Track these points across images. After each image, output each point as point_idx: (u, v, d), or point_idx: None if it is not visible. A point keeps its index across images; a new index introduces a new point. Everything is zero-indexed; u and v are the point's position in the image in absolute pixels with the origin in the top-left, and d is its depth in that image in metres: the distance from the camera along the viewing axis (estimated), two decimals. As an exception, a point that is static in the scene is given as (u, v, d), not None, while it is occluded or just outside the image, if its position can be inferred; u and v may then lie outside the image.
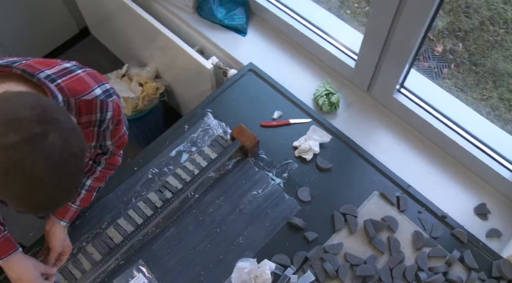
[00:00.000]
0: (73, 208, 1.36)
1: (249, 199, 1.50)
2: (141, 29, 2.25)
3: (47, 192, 0.81)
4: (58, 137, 0.80)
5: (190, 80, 2.20)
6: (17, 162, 0.76)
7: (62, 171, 0.81)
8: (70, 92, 1.05)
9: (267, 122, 1.66)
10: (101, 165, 1.38)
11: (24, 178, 0.78)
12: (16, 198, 0.81)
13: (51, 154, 0.79)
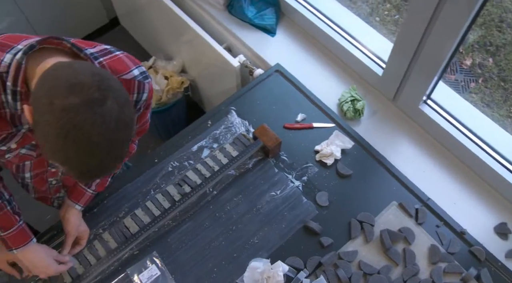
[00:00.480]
0: (89, 193, 1.37)
1: (267, 200, 1.50)
2: (170, 22, 2.26)
3: (99, 157, 0.82)
4: (115, 104, 0.82)
5: (215, 77, 2.21)
6: (77, 124, 0.78)
7: (115, 138, 0.82)
8: (111, 71, 1.06)
9: (290, 124, 1.65)
10: None
11: (81, 141, 0.79)
12: (70, 161, 0.82)
13: (108, 120, 0.80)
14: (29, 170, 1.24)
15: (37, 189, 1.37)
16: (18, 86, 0.94)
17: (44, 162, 1.23)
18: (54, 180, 1.34)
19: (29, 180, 1.29)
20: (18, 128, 1.04)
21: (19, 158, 1.15)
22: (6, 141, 1.06)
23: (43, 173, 1.28)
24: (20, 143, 1.09)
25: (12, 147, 1.08)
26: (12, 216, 1.23)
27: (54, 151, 0.82)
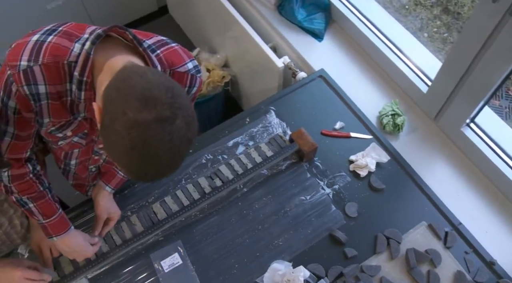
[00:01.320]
0: (120, 175, 1.39)
1: (296, 203, 1.50)
2: (219, 16, 2.28)
3: (159, 168, 0.84)
4: (184, 123, 0.83)
5: (257, 75, 2.22)
6: (145, 140, 0.79)
7: (177, 153, 0.84)
8: (167, 63, 1.08)
9: (328, 131, 1.64)
10: None
11: (146, 155, 0.81)
12: (130, 167, 0.84)
13: (175, 137, 0.81)
14: (76, 158, 1.27)
15: (77, 176, 1.40)
16: (85, 76, 0.96)
17: (90, 150, 1.26)
18: (94, 168, 1.37)
19: (73, 167, 1.32)
20: (75, 116, 1.07)
21: (70, 146, 1.18)
22: (63, 129, 1.09)
23: (87, 160, 1.31)
24: (75, 131, 1.12)
25: (68, 134, 1.12)
26: (53, 204, 1.26)
27: (118, 156, 0.84)
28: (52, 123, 1.06)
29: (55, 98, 1.00)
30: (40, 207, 1.23)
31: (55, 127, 1.08)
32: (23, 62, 0.94)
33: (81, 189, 1.50)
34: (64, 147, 1.18)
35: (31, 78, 0.95)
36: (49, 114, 1.03)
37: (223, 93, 2.49)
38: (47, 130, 1.09)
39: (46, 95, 0.98)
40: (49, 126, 1.07)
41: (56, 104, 1.01)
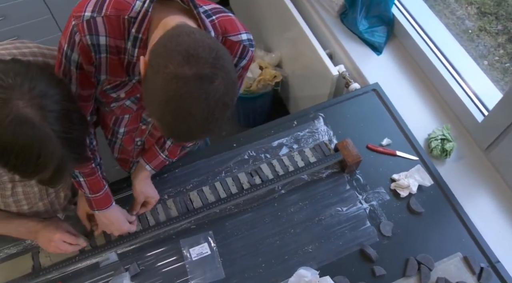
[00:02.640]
0: (161, 157, 1.42)
1: (331, 213, 1.49)
2: (279, 15, 2.28)
3: (192, 128, 0.86)
4: (222, 85, 0.84)
5: (309, 80, 2.21)
6: (182, 94, 0.82)
7: (212, 115, 0.85)
8: (221, 29, 1.08)
9: (374, 145, 1.62)
10: None
11: (180, 110, 0.83)
12: (164, 121, 0.87)
13: (211, 97, 0.83)
14: (125, 126, 1.30)
15: (123, 148, 1.44)
16: (141, 33, 0.99)
17: (138, 118, 1.29)
18: (140, 141, 1.40)
19: (121, 136, 1.35)
20: (130, 78, 1.10)
21: (122, 110, 1.21)
22: (117, 89, 1.12)
23: (134, 130, 1.34)
24: (129, 93, 1.15)
25: (121, 96, 1.15)
26: (101, 180, 1.31)
27: (154, 108, 0.86)
28: (108, 81, 1.10)
29: (114, 53, 1.03)
30: (89, 183, 1.28)
31: (110, 85, 1.11)
32: (87, 12, 0.98)
33: (124, 165, 1.53)
34: (116, 110, 1.21)
35: (94, 28, 0.98)
36: (106, 70, 1.07)
37: (272, 93, 2.50)
38: (102, 88, 1.12)
39: (106, 48, 1.01)
40: (105, 84, 1.10)
41: (114, 59, 1.04)
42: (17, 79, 0.86)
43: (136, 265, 1.40)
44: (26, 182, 1.28)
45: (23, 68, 0.90)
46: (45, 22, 2.55)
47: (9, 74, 0.87)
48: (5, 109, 0.84)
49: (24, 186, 1.29)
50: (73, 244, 1.36)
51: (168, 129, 0.89)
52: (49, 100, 0.88)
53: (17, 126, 0.85)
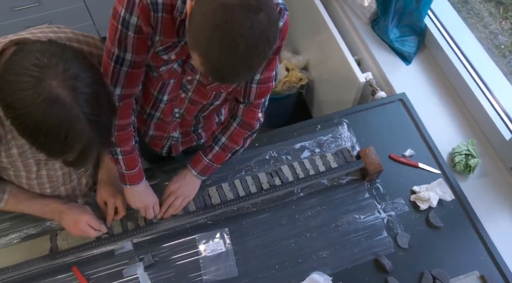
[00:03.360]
0: (205, 161, 1.42)
1: (349, 220, 1.48)
2: (310, 18, 2.28)
3: (234, 59, 0.88)
4: (266, 18, 0.87)
5: (335, 85, 2.20)
6: (228, 21, 0.84)
7: (255, 47, 0.87)
8: None
9: (397, 156, 1.61)
10: (236, 121, 1.37)
11: (225, 36, 0.85)
12: (208, 53, 0.89)
13: (255, 27, 0.85)
14: (169, 93, 1.31)
15: (159, 124, 1.45)
16: None
17: (179, 85, 1.29)
18: (178, 113, 1.40)
19: (163, 106, 1.36)
20: (180, 39, 1.12)
21: (169, 74, 1.23)
22: (169, 50, 1.15)
23: (174, 99, 1.34)
24: (178, 55, 1.17)
25: (172, 58, 1.17)
26: (137, 158, 1.35)
27: (200, 41, 0.89)
28: (161, 42, 1.13)
29: (168, 11, 1.05)
30: (126, 160, 1.32)
31: (163, 46, 1.14)
32: None
33: (157, 144, 1.56)
34: (164, 74, 1.23)
35: None
36: (161, 30, 1.10)
37: (296, 95, 2.49)
38: (155, 50, 1.15)
39: (162, 6, 1.04)
40: (157, 45, 1.13)
41: (168, 18, 1.07)
42: (53, 60, 0.88)
43: (151, 255, 1.41)
44: (51, 166, 1.30)
45: (59, 49, 0.91)
46: (77, 10, 2.59)
47: (45, 54, 0.88)
48: (39, 88, 0.86)
49: (49, 169, 1.31)
50: (96, 229, 1.38)
51: (211, 64, 0.91)
52: (81, 82, 0.90)
53: (48, 105, 0.87)
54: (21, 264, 1.37)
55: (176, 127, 1.47)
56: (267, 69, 1.25)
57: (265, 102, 1.37)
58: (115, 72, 1.16)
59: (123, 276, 1.39)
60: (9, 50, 1.00)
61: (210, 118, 1.55)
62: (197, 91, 1.30)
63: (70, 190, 1.44)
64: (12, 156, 1.18)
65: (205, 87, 1.27)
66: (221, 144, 1.39)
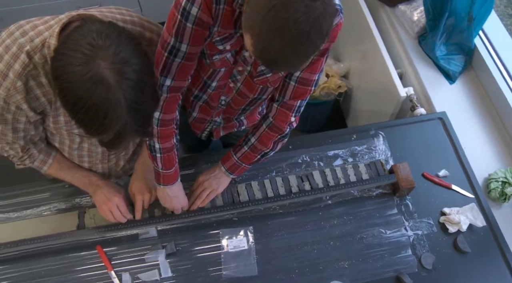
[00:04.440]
0: (234, 159, 1.42)
1: (374, 234, 1.47)
2: (356, 26, 2.25)
3: (284, 42, 0.88)
4: (322, 7, 0.87)
5: (374, 96, 2.18)
6: (284, 3, 0.85)
7: (307, 34, 0.87)
8: None
9: (430, 175, 1.58)
10: (266, 122, 1.36)
11: (279, 19, 0.85)
12: (260, 34, 0.89)
13: (310, 14, 0.85)
14: (218, 80, 1.32)
15: (204, 107, 1.46)
16: None
17: (229, 74, 1.30)
18: (224, 101, 1.41)
19: (211, 91, 1.36)
20: (236, 30, 1.13)
21: (221, 63, 1.24)
22: (225, 41, 1.16)
23: (222, 87, 1.35)
24: (233, 45, 1.18)
25: (227, 48, 1.18)
26: (174, 158, 1.35)
27: (254, 20, 0.89)
28: (218, 33, 1.14)
29: (229, 3, 1.06)
30: (164, 159, 1.32)
31: (220, 37, 1.15)
32: None
33: (198, 127, 1.57)
34: (216, 62, 1.24)
35: None
36: (220, 21, 1.11)
37: (333, 102, 2.48)
38: (211, 40, 1.16)
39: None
40: (215, 36, 1.15)
41: (228, 10, 1.08)
42: (106, 41, 0.90)
43: (174, 244, 1.42)
44: (93, 141, 1.33)
45: (115, 32, 0.93)
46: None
47: (101, 35, 0.91)
48: (88, 65, 0.88)
49: (90, 144, 1.35)
50: (123, 213, 1.40)
51: (261, 45, 0.90)
52: (129, 68, 0.92)
53: (92, 84, 0.89)
54: (48, 236, 1.41)
55: (220, 113, 1.48)
56: (309, 70, 1.23)
57: (300, 107, 1.33)
58: (168, 62, 1.17)
59: (145, 261, 1.41)
60: (74, 24, 1.04)
61: (254, 109, 1.55)
62: (246, 83, 1.30)
63: (107, 169, 1.48)
64: (59, 122, 1.22)
65: (253, 79, 1.27)
66: (250, 144, 1.39)
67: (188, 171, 1.57)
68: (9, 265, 1.41)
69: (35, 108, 1.15)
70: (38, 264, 1.41)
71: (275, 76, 1.25)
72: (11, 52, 1.05)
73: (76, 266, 1.41)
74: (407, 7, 2.06)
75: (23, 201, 1.51)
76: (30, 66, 1.06)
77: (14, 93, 1.09)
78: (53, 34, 1.04)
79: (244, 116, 1.57)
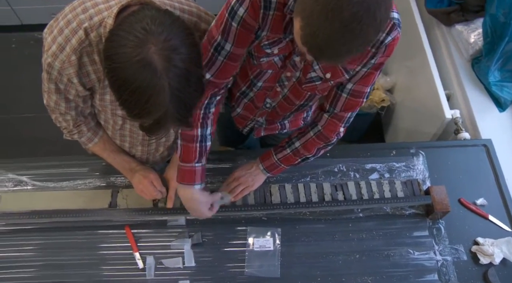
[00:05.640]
0: (274, 159, 1.41)
1: (402, 253, 1.44)
2: (409, 40, 2.21)
3: (333, 28, 0.85)
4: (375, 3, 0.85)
5: (417, 114, 2.14)
6: None
7: (358, 18, 0.84)
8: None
9: (468, 202, 1.54)
10: (314, 130, 1.35)
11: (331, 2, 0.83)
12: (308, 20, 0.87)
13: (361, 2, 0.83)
14: (264, 81, 1.32)
15: (249, 104, 1.46)
16: None
17: (277, 77, 1.30)
18: (269, 104, 1.41)
19: (257, 90, 1.36)
20: (285, 35, 1.13)
21: (269, 65, 1.24)
22: (273, 45, 1.16)
23: (268, 89, 1.35)
24: (281, 50, 1.18)
25: (274, 52, 1.18)
26: (193, 153, 1.30)
27: (305, 3, 0.87)
28: (267, 37, 1.14)
29: (280, 8, 1.06)
30: (182, 149, 1.30)
31: (268, 41, 1.15)
32: None
33: (241, 122, 1.57)
34: (263, 64, 1.24)
35: None
36: (269, 27, 1.11)
37: (374, 115, 2.45)
38: (259, 44, 1.17)
39: (275, 5, 1.06)
40: (263, 40, 1.15)
41: (279, 15, 1.07)
42: (159, 28, 0.91)
43: (200, 235, 1.43)
44: (135, 123, 1.35)
45: (170, 20, 0.94)
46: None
47: (155, 21, 0.92)
48: (138, 48, 0.90)
49: (132, 125, 1.38)
50: (158, 188, 1.42)
51: (310, 28, 0.88)
52: (178, 56, 0.92)
53: (140, 67, 0.90)
54: (81, 211, 1.44)
55: (264, 114, 1.48)
56: (362, 83, 1.22)
57: (350, 118, 1.34)
58: (212, 59, 1.18)
59: (170, 248, 1.42)
60: (132, 7, 1.06)
61: (299, 114, 1.54)
62: (293, 89, 1.30)
63: (146, 152, 1.50)
64: (105, 101, 1.25)
65: (301, 86, 1.27)
66: (294, 148, 1.38)
67: (224, 165, 1.58)
68: (39, 233, 1.46)
69: (85, 83, 1.18)
70: (66, 236, 1.45)
71: (324, 84, 1.24)
72: (71, 27, 1.09)
73: (102, 243, 1.45)
74: (464, 28, 2.01)
75: (61, 172, 1.56)
76: (85, 42, 1.10)
77: (67, 66, 1.13)
78: (111, 15, 1.06)
79: (287, 120, 1.56)
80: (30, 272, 1.40)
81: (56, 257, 1.42)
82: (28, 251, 1.43)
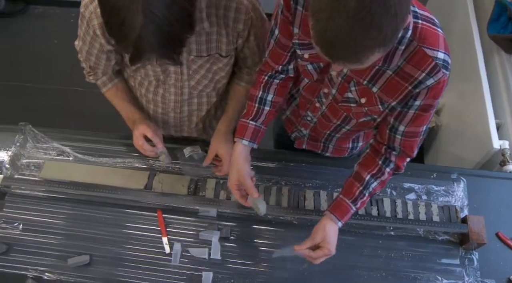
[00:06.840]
0: (347, 204, 1.28)
1: (429, 278, 1.41)
2: (464, 63, 2.15)
3: (343, 23, 0.81)
4: None
5: (463, 140, 2.09)
6: None
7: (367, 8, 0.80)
8: (420, 36, 1.02)
9: (505, 236, 1.49)
10: (389, 166, 1.27)
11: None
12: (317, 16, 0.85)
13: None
14: (302, 88, 1.33)
15: (296, 109, 1.47)
16: None
17: (315, 93, 1.30)
18: (310, 117, 1.41)
19: (298, 97, 1.38)
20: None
21: (303, 71, 1.26)
22: (303, 48, 1.18)
23: (309, 101, 1.35)
24: (312, 57, 1.18)
25: (305, 56, 1.19)
26: (252, 110, 1.31)
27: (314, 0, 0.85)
28: (298, 37, 1.16)
29: (307, 7, 1.06)
30: (246, 106, 1.34)
31: (298, 41, 1.17)
32: None
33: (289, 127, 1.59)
34: (299, 67, 1.26)
35: None
36: (300, 25, 1.13)
37: (416, 134, 2.40)
38: (292, 41, 1.19)
39: (303, 1, 1.08)
40: (295, 38, 1.17)
41: (307, 15, 1.07)
42: None
43: (230, 230, 1.44)
44: (167, 87, 1.41)
45: None
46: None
47: None
48: None
49: (164, 90, 1.43)
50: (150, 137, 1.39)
51: (319, 25, 0.85)
52: None
53: None
54: (116, 188, 1.48)
55: (307, 126, 1.48)
56: (414, 125, 1.18)
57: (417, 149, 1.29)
58: (269, 40, 1.26)
59: (198, 237, 1.44)
60: None
61: (343, 141, 1.51)
62: (330, 107, 1.30)
63: (178, 120, 1.55)
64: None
65: (338, 104, 1.26)
66: (371, 189, 1.27)
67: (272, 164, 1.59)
68: (71, 204, 1.51)
69: (108, 37, 1.20)
70: (97, 210, 1.50)
71: (359, 108, 1.22)
72: None
73: (132, 222, 1.48)
74: (526, 57, 1.95)
75: (103, 148, 1.60)
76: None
77: (94, 17, 1.20)
78: None
79: (331, 145, 1.53)
80: (57, 239, 1.45)
81: (85, 229, 1.46)
82: (58, 219, 1.48)
